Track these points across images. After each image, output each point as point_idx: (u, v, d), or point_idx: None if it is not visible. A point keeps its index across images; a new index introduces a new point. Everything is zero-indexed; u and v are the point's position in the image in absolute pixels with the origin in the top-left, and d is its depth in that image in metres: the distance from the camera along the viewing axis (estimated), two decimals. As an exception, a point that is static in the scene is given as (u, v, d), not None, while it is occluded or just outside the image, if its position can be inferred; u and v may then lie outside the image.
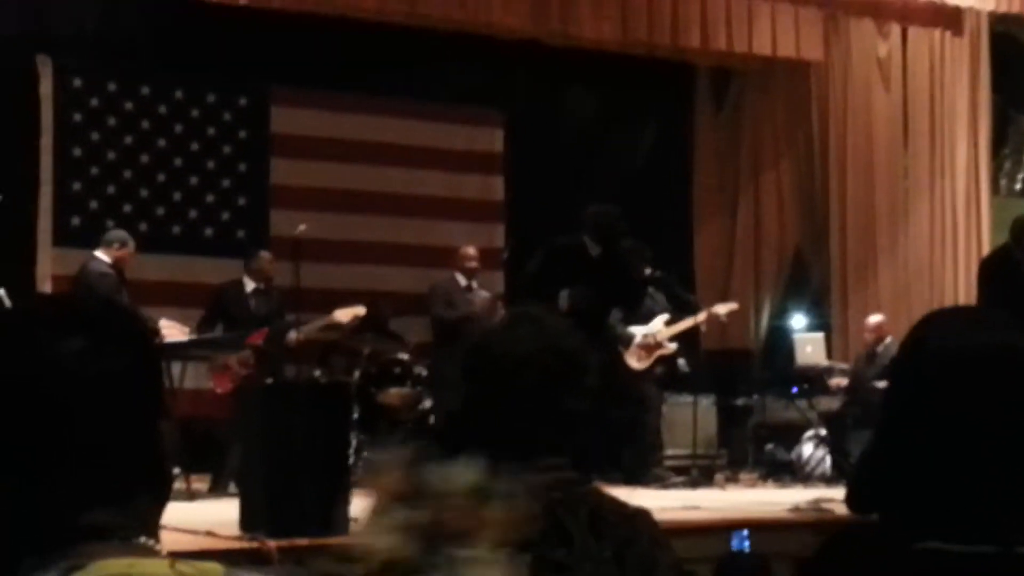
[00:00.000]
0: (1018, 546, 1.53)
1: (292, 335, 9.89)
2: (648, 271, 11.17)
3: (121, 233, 10.06)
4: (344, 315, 10.47)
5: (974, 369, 1.56)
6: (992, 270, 10.78)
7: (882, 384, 9.62)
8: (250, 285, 10.43)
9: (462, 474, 1.89)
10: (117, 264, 9.71)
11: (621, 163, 14.42)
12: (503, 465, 2.35)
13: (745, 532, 6.06)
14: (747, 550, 5.60)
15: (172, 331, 9.56)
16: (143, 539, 1.38)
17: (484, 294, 10.91)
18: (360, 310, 10.56)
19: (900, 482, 1.59)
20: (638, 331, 11.13)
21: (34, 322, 1.42)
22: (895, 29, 13.54)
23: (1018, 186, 14.94)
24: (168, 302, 11.14)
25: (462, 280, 11.01)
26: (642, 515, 2.43)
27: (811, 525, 8.00)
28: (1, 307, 8.31)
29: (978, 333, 1.60)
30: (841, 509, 7.06)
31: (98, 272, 9.55)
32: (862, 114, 13.75)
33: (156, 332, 9.11)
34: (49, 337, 1.38)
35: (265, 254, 10.67)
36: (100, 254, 9.74)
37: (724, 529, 7.51)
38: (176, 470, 8.93)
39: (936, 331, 1.64)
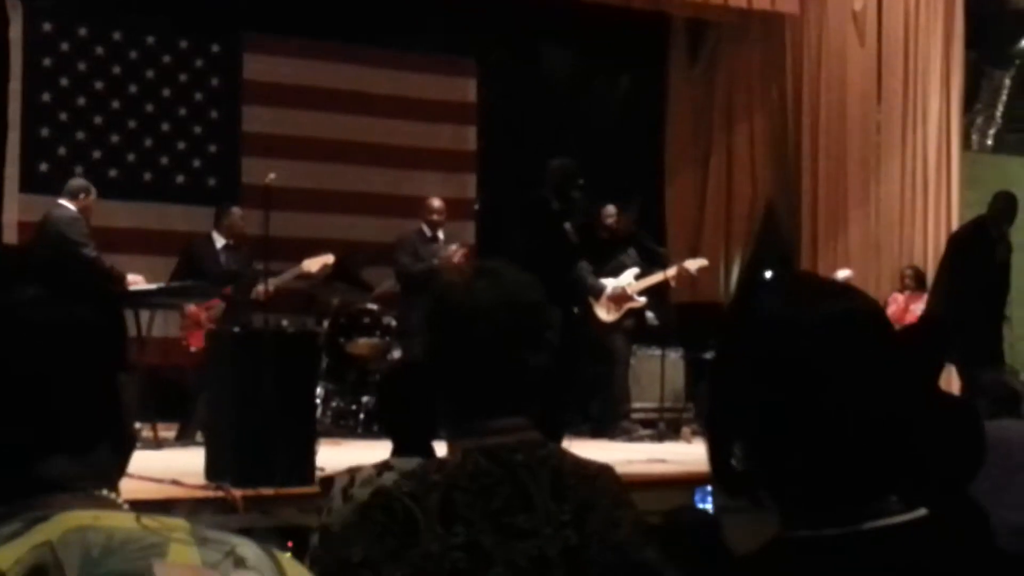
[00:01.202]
0: (864, 522, 1.50)
1: (260, 287, 9.88)
2: (609, 221, 11.23)
3: (83, 182, 9.94)
4: (313, 264, 10.44)
5: (798, 340, 1.53)
6: (964, 244, 10.85)
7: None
8: (220, 241, 10.40)
9: None
10: (83, 212, 9.65)
11: (594, 115, 14.41)
12: (451, 425, 2.39)
13: (709, 488, 6.10)
14: (707, 506, 5.64)
15: (139, 283, 9.53)
16: (104, 492, 1.38)
17: (452, 246, 10.88)
18: (329, 259, 10.53)
19: (756, 470, 1.57)
20: (608, 283, 11.16)
21: None
22: (871, -19, 13.55)
23: (989, 141, 15.01)
24: (137, 250, 11.14)
25: (428, 231, 10.99)
26: (604, 474, 2.42)
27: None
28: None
29: (802, 301, 1.56)
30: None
31: (69, 217, 9.48)
32: (836, 68, 13.75)
33: (121, 280, 9.08)
34: (2, 285, 1.38)
35: (236, 210, 10.61)
36: (65, 203, 9.66)
37: (689, 483, 7.56)
38: (137, 424, 8.94)
39: (764, 300, 1.60)
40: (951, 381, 10.29)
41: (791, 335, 1.53)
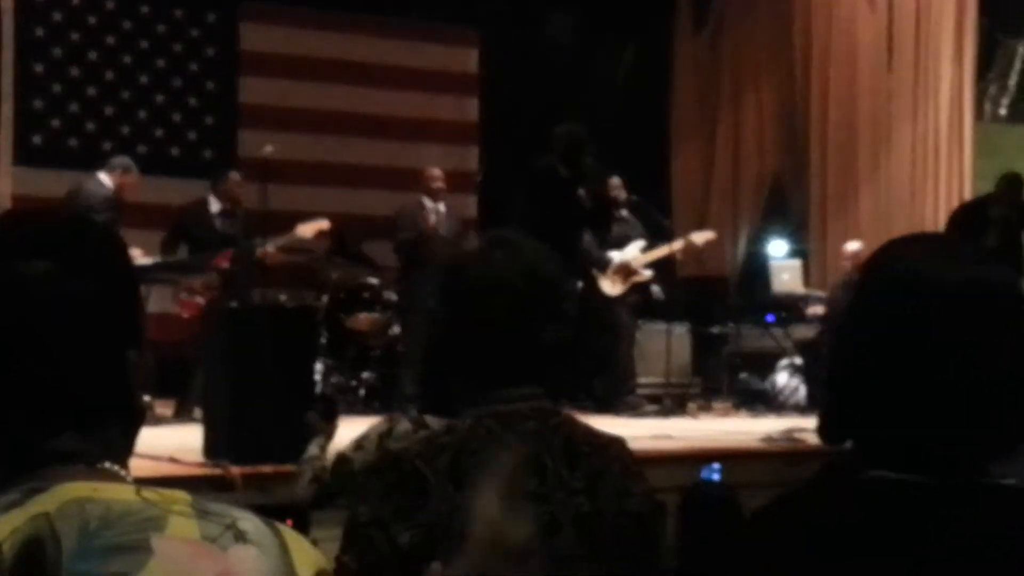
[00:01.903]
0: (960, 478, 1.55)
1: (257, 255, 9.89)
2: (622, 195, 11.20)
3: (126, 159, 9.95)
4: (307, 230, 10.35)
5: (941, 302, 1.56)
6: (962, 221, 10.85)
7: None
8: (215, 206, 10.30)
9: None
10: (119, 190, 9.65)
11: (599, 85, 14.41)
12: (470, 394, 2.41)
13: (717, 464, 6.12)
14: (716, 480, 5.66)
15: (135, 258, 9.52)
16: (108, 464, 1.38)
17: (442, 214, 10.91)
18: (324, 224, 10.47)
19: (865, 413, 1.60)
20: (614, 256, 11.16)
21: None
22: (882, -53, 13.53)
23: (1003, 111, 14.98)
24: (133, 224, 11.07)
25: (428, 203, 10.98)
26: (616, 445, 2.44)
27: (783, 455, 8.09)
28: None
29: (949, 265, 1.59)
30: (814, 439, 7.13)
31: (101, 196, 9.48)
32: (846, 35, 13.75)
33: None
34: (12, 258, 1.37)
35: (234, 174, 10.57)
36: (103, 176, 9.67)
37: (695, 459, 7.56)
38: (147, 398, 8.96)
39: (903, 259, 1.63)
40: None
41: (940, 295, 1.57)
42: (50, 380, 1.37)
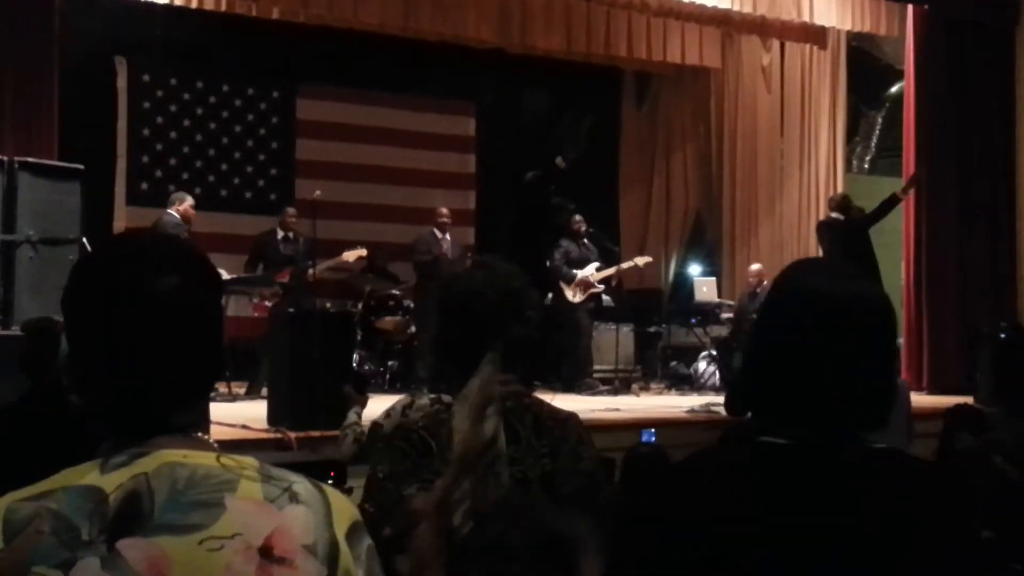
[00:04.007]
0: (836, 442, 1.55)
1: (309, 274, 9.91)
2: (583, 227, 11.21)
3: (180, 193, 9.90)
4: (351, 255, 10.50)
5: (828, 310, 1.56)
6: (824, 232, 10.93)
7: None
8: (280, 233, 10.46)
9: None
10: (184, 217, 9.64)
11: (564, 144, 14.39)
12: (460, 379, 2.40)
13: (652, 429, 6.12)
14: (652, 441, 5.65)
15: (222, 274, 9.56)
16: (199, 434, 1.38)
17: (449, 238, 10.95)
18: (362, 252, 10.58)
19: (762, 393, 1.60)
20: (577, 273, 11.17)
21: (142, 259, 1.37)
22: (776, 43, 13.50)
23: (866, 165, 15.03)
24: (216, 249, 11.00)
25: (438, 233, 11.01)
26: (572, 419, 2.44)
27: (703, 423, 8.09)
28: (85, 253, 8.27)
29: (833, 281, 1.59)
30: (723, 412, 7.14)
31: (172, 223, 9.46)
32: (749, 109, 13.75)
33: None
34: (151, 274, 1.35)
35: (289, 209, 10.69)
36: (171, 211, 9.67)
37: (637, 426, 7.56)
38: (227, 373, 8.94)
39: (801, 277, 1.63)
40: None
41: (826, 305, 1.57)
42: (175, 368, 1.36)
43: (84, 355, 1.36)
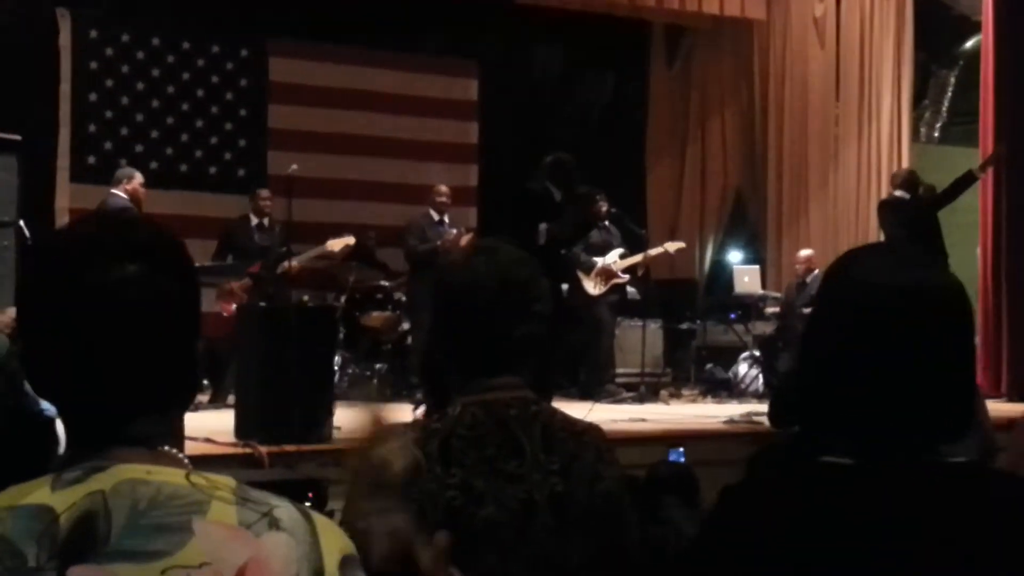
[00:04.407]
0: (910, 460, 1.55)
1: (284, 264, 9.93)
2: (604, 208, 11.20)
3: (127, 169, 9.86)
4: (336, 244, 10.45)
5: (892, 305, 1.55)
6: (886, 214, 10.95)
7: (809, 311, 9.70)
8: (254, 220, 10.54)
9: None
10: (133, 197, 9.65)
11: (583, 111, 14.43)
12: (456, 385, 2.42)
13: (681, 448, 6.15)
14: (681, 461, 5.69)
15: None
16: (167, 448, 1.38)
17: (452, 230, 10.90)
18: (350, 240, 10.53)
19: (816, 403, 1.59)
20: (597, 261, 11.18)
21: (93, 247, 1.37)
22: (830, -9, 13.53)
23: (936, 134, 15.01)
24: (176, 234, 11.14)
25: (435, 215, 10.95)
26: (591, 432, 2.41)
27: (743, 436, 8.11)
28: (23, 238, 8.30)
29: (898, 271, 1.58)
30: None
31: (119, 206, 9.48)
32: (799, 68, 13.74)
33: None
34: (106, 263, 1.36)
35: (261, 191, 10.74)
36: (117, 191, 9.68)
37: (666, 440, 7.58)
38: (204, 382, 8.97)
39: (859, 267, 1.61)
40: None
41: (890, 299, 1.57)
42: (135, 371, 1.36)
43: (37, 354, 1.38)
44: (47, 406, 4.29)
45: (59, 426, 1.46)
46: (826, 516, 1.51)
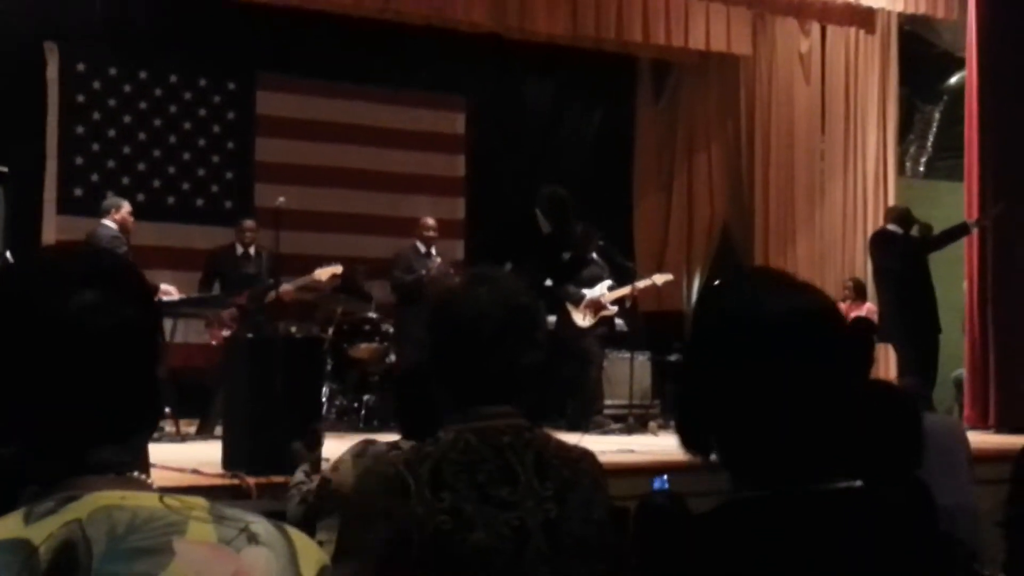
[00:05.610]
0: (818, 484, 1.53)
1: (271, 295, 9.91)
2: (597, 246, 11.23)
3: (115, 199, 9.95)
4: (324, 273, 10.48)
5: (768, 330, 1.53)
6: (879, 245, 11.01)
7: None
8: (240, 249, 10.51)
9: None
10: (122, 226, 9.63)
11: (570, 145, 14.43)
12: (452, 411, 2.39)
13: (664, 476, 6.10)
14: (665, 488, 5.64)
15: (171, 293, 9.61)
16: (136, 474, 1.38)
17: (438, 260, 10.92)
18: (337, 269, 10.59)
19: (715, 430, 1.58)
20: (586, 293, 11.17)
21: (52, 275, 1.39)
22: (815, 27, 13.55)
23: (921, 168, 15.07)
24: (163, 265, 11.10)
25: (422, 247, 11.02)
26: (586, 459, 2.43)
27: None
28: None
29: (771, 297, 1.56)
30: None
31: (109, 236, 9.45)
32: (785, 103, 13.79)
33: (156, 290, 9.08)
34: (65, 290, 1.37)
35: (247, 222, 10.72)
36: (106, 221, 9.66)
37: (654, 471, 7.54)
38: (167, 409, 8.92)
39: (732, 295, 1.60)
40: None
41: (754, 326, 1.54)
42: (97, 399, 1.36)
43: None
44: None
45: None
46: (737, 552, 1.51)
